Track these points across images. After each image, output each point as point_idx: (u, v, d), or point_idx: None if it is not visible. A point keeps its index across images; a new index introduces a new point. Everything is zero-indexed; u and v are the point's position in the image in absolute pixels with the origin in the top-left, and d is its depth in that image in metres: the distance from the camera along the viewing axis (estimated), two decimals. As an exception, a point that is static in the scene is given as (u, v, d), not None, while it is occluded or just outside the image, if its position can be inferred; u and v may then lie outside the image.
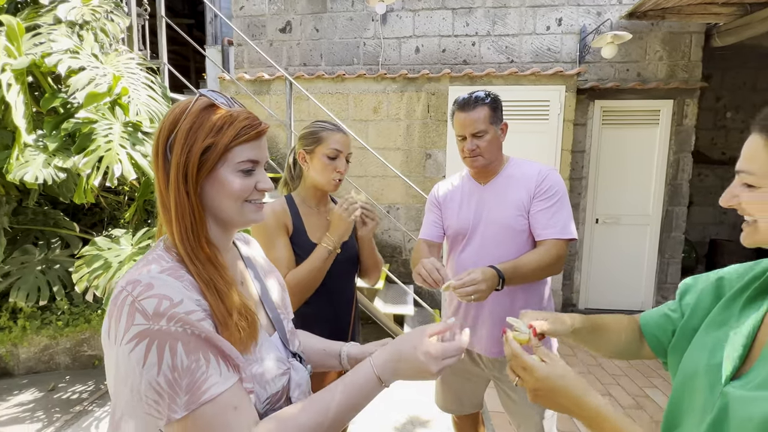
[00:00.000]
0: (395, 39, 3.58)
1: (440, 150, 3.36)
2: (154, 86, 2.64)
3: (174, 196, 0.56)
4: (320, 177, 1.19)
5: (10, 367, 2.67)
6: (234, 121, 0.57)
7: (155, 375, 0.47)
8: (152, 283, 0.51)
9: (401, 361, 0.58)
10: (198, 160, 0.55)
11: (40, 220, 2.71)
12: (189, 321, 0.50)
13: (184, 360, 0.48)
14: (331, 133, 1.19)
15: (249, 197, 0.60)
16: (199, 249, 0.57)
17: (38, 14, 2.49)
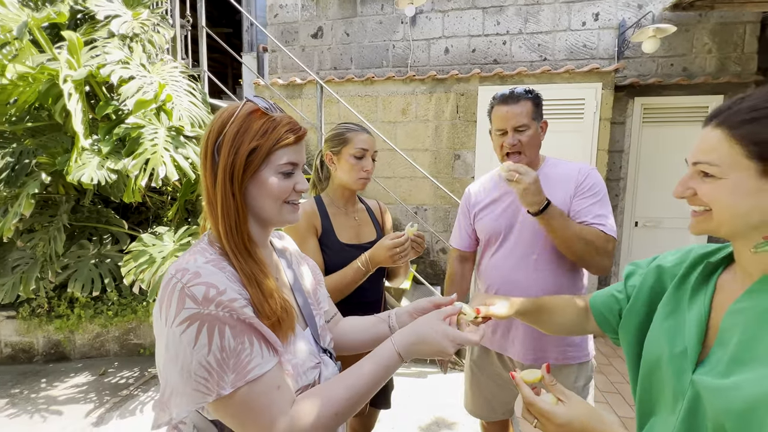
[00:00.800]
0: (424, 40, 3.59)
1: (469, 151, 3.33)
2: (195, 92, 2.81)
3: (221, 195, 0.60)
4: (347, 177, 1.22)
5: (67, 352, 2.92)
6: (277, 125, 0.61)
7: (206, 354, 0.52)
8: (199, 272, 0.55)
9: (422, 342, 0.63)
10: (244, 161, 0.59)
11: (94, 217, 2.95)
12: (234, 308, 0.54)
13: (231, 342, 0.53)
14: (356, 134, 1.22)
15: (288, 198, 0.64)
16: (242, 244, 0.61)
17: (94, 29, 2.71)
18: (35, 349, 2.88)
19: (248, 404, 0.53)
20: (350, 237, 1.26)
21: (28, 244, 2.70)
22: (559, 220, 1.08)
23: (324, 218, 1.22)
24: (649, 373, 0.63)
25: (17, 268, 2.71)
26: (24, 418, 2.25)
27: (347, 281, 1.14)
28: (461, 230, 1.44)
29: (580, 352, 1.19)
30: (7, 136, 2.62)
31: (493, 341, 1.31)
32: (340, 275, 1.15)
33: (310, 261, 0.87)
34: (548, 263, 1.19)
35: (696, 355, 0.56)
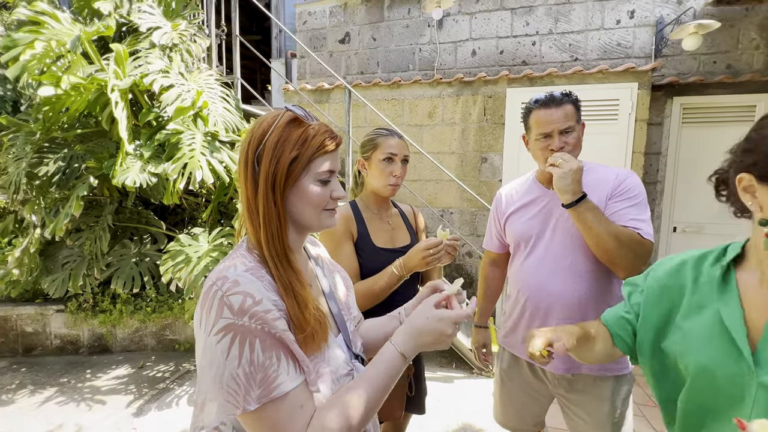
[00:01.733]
0: (451, 43, 3.58)
1: (496, 154, 3.28)
2: (228, 99, 2.92)
3: (262, 204, 0.61)
4: (377, 182, 1.23)
5: (109, 345, 3.09)
6: (315, 134, 0.62)
7: (236, 367, 0.53)
8: (238, 280, 0.56)
9: (420, 335, 0.62)
10: (286, 170, 0.60)
11: (135, 218, 3.11)
12: (266, 320, 0.55)
13: (260, 356, 0.53)
14: (385, 138, 1.23)
15: (326, 206, 0.65)
16: (282, 253, 0.62)
17: (137, 41, 2.87)
18: (81, 342, 3.07)
19: (271, 421, 0.54)
20: (385, 241, 1.27)
21: (76, 243, 2.89)
22: (593, 214, 1.04)
23: (359, 223, 1.23)
24: (694, 384, 0.61)
25: (66, 265, 2.90)
26: (72, 406, 2.40)
27: (382, 286, 1.14)
28: (492, 233, 1.43)
29: (618, 364, 1.15)
30: (60, 142, 2.81)
31: (524, 349, 1.28)
32: (375, 279, 1.16)
33: (340, 268, 0.87)
34: (583, 270, 1.15)
35: (751, 357, 0.55)
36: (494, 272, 1.49)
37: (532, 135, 1.21)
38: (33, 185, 2.67)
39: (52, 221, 2.55)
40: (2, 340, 3.03)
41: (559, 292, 1.16)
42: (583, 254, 1.15)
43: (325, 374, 0.62)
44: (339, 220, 1.16)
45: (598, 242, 1.06)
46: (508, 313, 1.35)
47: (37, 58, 2.22)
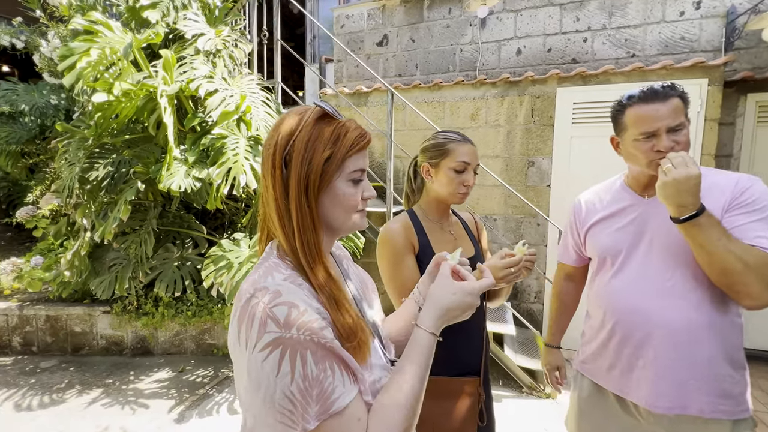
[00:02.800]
0: (494, 42, 3.43)
1: (545, 157, 3.09)
2: (269, 103, 2.91)
3: (295, 207, 0.56)
4: (445, 190, 1.13)
5: (151, 347, 3.13)
6: (348, 131, 0.58)
7: (289, 384, 0.48)
8: (280, 290, 0.52)
9: (447, 310, 0.63)
10: (320, 171, 0.56)
11: (177, 222, 3.15)
12: (314, 330, 0.50)
13: (314, 369, 0.49)
14: (458, 145, 1.12)
15: (358, 207, 0.62)
16: (318, 258, 0.58)
17: (183, 47, 2.92)
18: (125, 343, 3.13)
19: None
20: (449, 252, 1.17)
21: (122, 246, 2.95)
22: (714, 232, 0.87)
23: (420, 233, 1.12)
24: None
25: (113, 268, 2.97)
26: (116, 408, 2.42)
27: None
28: (568, 245, 1.28)
29: (736, 406, 0.97)
30: (109, 147, 2.89)
31: (610, 380, 1.11)
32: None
33: (363, 272, 0.83)
34: (692, 293, 0.97)
35: None
36: (569, 288, 1.34)
37: (628, 135, 1.05)
38: (84, 189, 2.75)
39: (102, 225, 2.60)
40: (53, 338, 3.13)
41: (659, 318, 1.00)
42: (690, 274, 0.98)
43: (369, 383, 0.57)
44: (401, 233, 1.10)
45: (714, 262, 0.89)
46: (588, 336, 1.20)
47: (92, 65, 2.27)
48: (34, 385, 2.68)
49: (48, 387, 2.65)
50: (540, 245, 3.13)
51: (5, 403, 2.46)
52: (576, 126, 2.97)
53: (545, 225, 3.11)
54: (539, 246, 3.14)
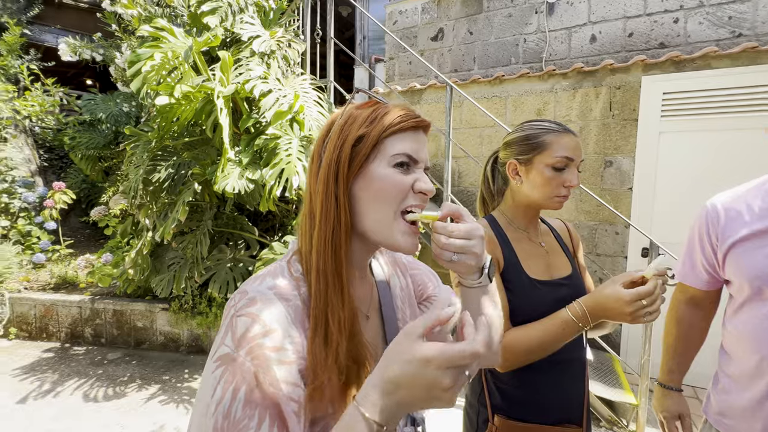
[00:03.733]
0: (564, 30, 3.09)
1: (626, 156, 2.71)
2: (322, 102, 2.84)
3: (321, 199, 0.49)
4: (540, 193, 0.91)
5: (204, 346, 3.19)
6: (387, 111, 0.50)
7: (213, 412, 0.42)
8: (256, 298, 0.46)
9: (398, 388, 0.39)
10: (349, 152, 0.48)
11: (231, 224, 3.18)
12: (266, 362, 0.42)
13: (239, 411, 0.41)
14: (557, 136, 0.89)
15: (405, 201, 0.49)
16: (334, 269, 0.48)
17: (239, 50, 2.94)
18: (181, 340, 3.21)
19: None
20: (540, 271, 0.94)
21: (180, 246, 3.03)
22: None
23: (505, 245, 0.92)
24: None
25: (171, 267, 3.06)
26: (172, 406, 2.45)
27: (552, 339, 0.82)
28: (695, 262, 1.00)
29: None
30: (170, 150, 2.98)
31: None
32: (542, 331, 0.83)
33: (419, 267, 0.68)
34: None
35: None
36: (695, 316, 1.06)
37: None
38: (147, 190, 2.85)
39: (162, 225, 2.67)
40: (119, 332, 3.30)
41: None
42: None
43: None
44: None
45: None
46: (733, 385, 0.92)
47: (155, 69, 2.32)
48: (101, 376, 2.82)
49: (113, 379, 2.77)
50: (618, 257, 2.75)
51: (75, 392, 2.59)
52: (666, 120, 2.56)
53: (625, 234, 2.72)
54: (617, 257, 2.75)
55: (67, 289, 3.64)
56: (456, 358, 0.37)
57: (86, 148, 4.61)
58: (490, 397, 0.92)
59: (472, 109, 3.17)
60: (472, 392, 0.97)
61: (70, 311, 3.36)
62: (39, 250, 3.92)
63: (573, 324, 0.80)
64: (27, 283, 3.64)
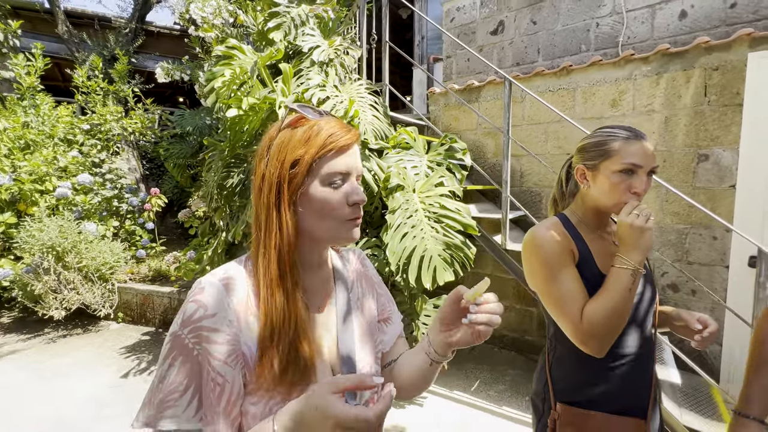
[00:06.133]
0: (646, 8, 2.74)
1: (726, 149, 2.31)
2: (377, 106, 2.87)
3: (264, 213, 0.56)
4: (606, 198, 0.92)
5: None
6: (320, 131, 0.55)
7: (156, 375, 0.51)
8: (205, 287, 0.53)
9: (302, 425, 0.46)
10: (287, 174, 0.54)
11: (294, 225, 3.38)
12: (204, 339, 0.50)
13: (172, 377, 0.50)
14: (624, 143, 0.88)
15: (342, 214, 0.56)
16: (277, 271, 0.55)
17: (301, 61, 3.11)
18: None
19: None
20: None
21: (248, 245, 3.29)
22: None
23: (578, 242, 0.94)
24: None
25: (242, 264, 3.34)
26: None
27: (618, 296, 0.83)
28: None
29: None
30: (241, 158, 3.26)
31: None
32: (606, 295, 0.85)
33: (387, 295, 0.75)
34: None
35: None
36: None
37: None
38: (222, 195, 3.15)
39: (234, 226, 2.93)
40: (200, 321, 3.70)
41: None
42: None
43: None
44: (554, 241, 0.93)
45: None
46: None
47: (226, 84, 2.55)
48: (184, 360, 3.18)
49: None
50: (718, 266, 2.35)
51: (164, 373, 2.96)
52: (782, 103, 2.13)
53: (725, 239, 2.32)
54: (716, 267, 2.35)
55: (161, 281, 4.17)
56: (350, 420, 0.43)
57: (177, 158, 5.26)
58: (553, 385, 0.96)
59: (536, 104, 2.96)
60: (538, 381, 1.02)
61: (162, 300, 3.84)
62: (141, 247, 4.56)
63: (624, 273, 0.83)
64: (131, 275, 4.26)
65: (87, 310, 3.70)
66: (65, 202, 4.26)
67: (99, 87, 5.23)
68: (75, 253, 3.69)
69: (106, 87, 5.36)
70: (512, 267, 2.46)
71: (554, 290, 0.89)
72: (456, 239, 2.31)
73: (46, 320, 3.76)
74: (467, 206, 2.36)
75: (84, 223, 4.07)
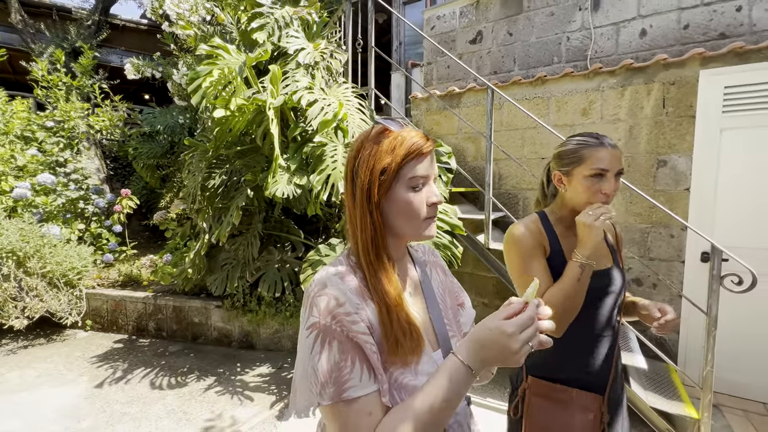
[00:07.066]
0: (611, 26, 2.99)
1: (681, 155, 2.57)
2: (363, 110, 2.93)
3: (359, 213, 0.65)
4: (580, 200, 1.03)
5: (254, 342, 3.37)
6: (404, 141, 0.63)
7: (317, 362, 0.57)
8: (326, 283, 0.61)
9: (483, 348, 0.57)
10: (378, 179, 0.62)
11: (278, 227, 3.36)
12: (346, 322, 0.58)
13: (337, 356, 0.57)
14: (593, 150, 1.00)
15: (423, 214, 0.64)
16: (378, 262, 0.64)
17: (286, 62, 3.11)
18: (233, 336, 3.43)
19: (340, 421, 0.56)
20: None
21: (232, 247, 3.24)
22: None
23: (551, 237, 1.07)
24: None
25: (224, 267, 3.28)
26: (227, 397, 2.63)
27: (568, 286, 0.97)
28: None
29: None
30: (223, 158, 3.20)
31: None
32: (559, 285, 0.99)
33: (458, 285, 0.85)
34: None
35: None
36: None
37: None
38: (204, 196, 3.08)
39: (217, 228, 2.88)
40: (178, 326, 3.58)
41: None
42: None
43: (411, 388, 0.61)
44: (528, 234, 1.06)
45: None
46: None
47: (214, 84, 2.52)
48: (163, 366, 3.07)
49: (174, 370, 3.01)
50: (675, 261, 2.60)
51: (143, 380, 2.85)
52: (728, 116, 2.40)
53: (682, 237, 2.58)
54: (674, 262, 2.61)
55: (132, 286, 3.99)
56: (522, 322, 0.54)
57: (147, 158, 5.04)
58: (526, 362, 1.09)
59: (513, 110, 3.14)
60: None
61: (136, 306, 3.69)
62: (108, 250, 4.34)
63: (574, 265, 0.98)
64: (99, 280, 4.04)
65: (52, 318, 3.48)
66: (24, 204, 3.99)
67: (61, 82, 4.93)
68: (38, 257, 3.46)
69: (69, 82, 5.06)
70: (494, 265, 2.60)
71: (525, 279, 1.03)
72: (444, 239, 2.41)
73: (4, 330, 3.50)
74: (453, 207, 2.47)
75: (47, 225, 3.83)
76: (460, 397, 0.57)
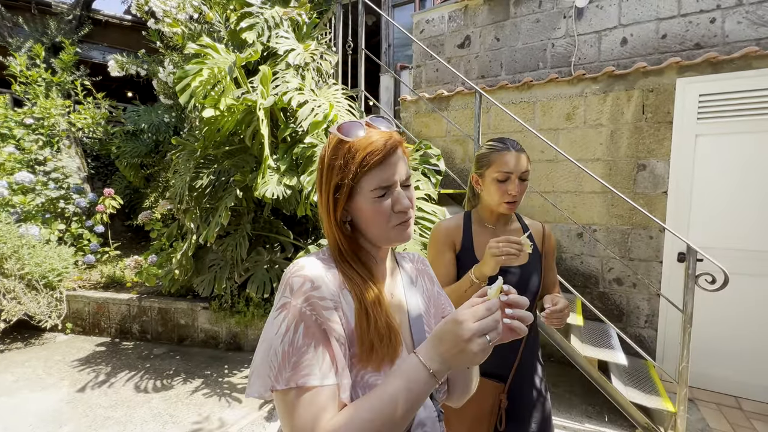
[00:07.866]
0: (593, 33, 3.09)
1: (660, 160, 2.67)
2: (353, 111, 2.95)
3: (327, 225, 0.65)
4: (491, 200, 1.13)
5: (242, 344, 3.35)
6: (356, 154, 0.59)
7: (279, 343, 0.55)
8: (305, 265, 0.60)
9: (441, 341, 0.53)
10: (333, 198, 0.62)
11: (267, 227, 3.34)
12: (317, 306, 0.56)
13: (300, 340, 0.54)
14: (499, 155, 1.10)
15: (390, 222, 0.62)
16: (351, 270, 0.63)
17: (275, 63, 3.10)
18: (220, 338, 3.39)
19: (290, 408, 0.53)
20: None
21: (220, 248, 3.20)
22: None
23: (466, 235, 1.17)
24: None
25: (212, 268, 3.24)
26: (215, 399, 2.60)
27: (457, 292, 1.05)
28: None
29: None
30: (211, 158, 3.17)
31: None
32: (451, 287, 1.08)
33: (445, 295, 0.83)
34: None
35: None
36: None
37: None
38: (192, 196, 3.04)
39: (205, 228, 2.85)
40: (163, 328, 3.52)
41: None
42: None
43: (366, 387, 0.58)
44: (444, 231, 1.18)
45: None
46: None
47: (203, 84, 2.50)
48: (149, 369, 3.02)
49: (159, 372, 2.96)
50: (653, 261, 2.70)
51: (127, 384, 2.80)
52: (703, 122, 2.52)
53: (660, 238, 2.68)
54: (652, 262, 2.71)
55: (116, 288, 3.90)
56: (476, 311, 0.52)
57: (130, 157, 4.94)
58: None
59: (500, 114, 3.21)
60: None
61: (120, 308, 3.61)
62: (89, 251, 4.23)
63: (467, 279, 1.04)
64: (80, 282, 3.94)
65: (30, 321, 3.38)
66: (1, 203, 3.85)
67: (41, 77, 4.79)
68: (16, 259, 3.36)
69: (49, 78, 4.92)
70: (482, 265, 2.65)
71: (436, 269, 1.12)
72: (432, 240, 2.45)
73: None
74: (442, 209, 2.51)
75: (25, 225, 3.71)
76: (419, 398, 0.53)
